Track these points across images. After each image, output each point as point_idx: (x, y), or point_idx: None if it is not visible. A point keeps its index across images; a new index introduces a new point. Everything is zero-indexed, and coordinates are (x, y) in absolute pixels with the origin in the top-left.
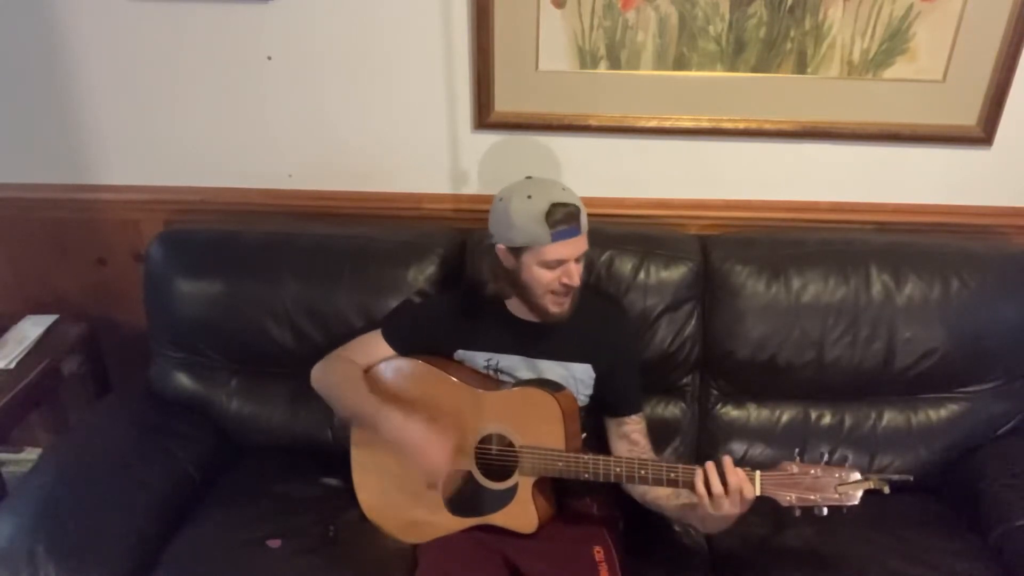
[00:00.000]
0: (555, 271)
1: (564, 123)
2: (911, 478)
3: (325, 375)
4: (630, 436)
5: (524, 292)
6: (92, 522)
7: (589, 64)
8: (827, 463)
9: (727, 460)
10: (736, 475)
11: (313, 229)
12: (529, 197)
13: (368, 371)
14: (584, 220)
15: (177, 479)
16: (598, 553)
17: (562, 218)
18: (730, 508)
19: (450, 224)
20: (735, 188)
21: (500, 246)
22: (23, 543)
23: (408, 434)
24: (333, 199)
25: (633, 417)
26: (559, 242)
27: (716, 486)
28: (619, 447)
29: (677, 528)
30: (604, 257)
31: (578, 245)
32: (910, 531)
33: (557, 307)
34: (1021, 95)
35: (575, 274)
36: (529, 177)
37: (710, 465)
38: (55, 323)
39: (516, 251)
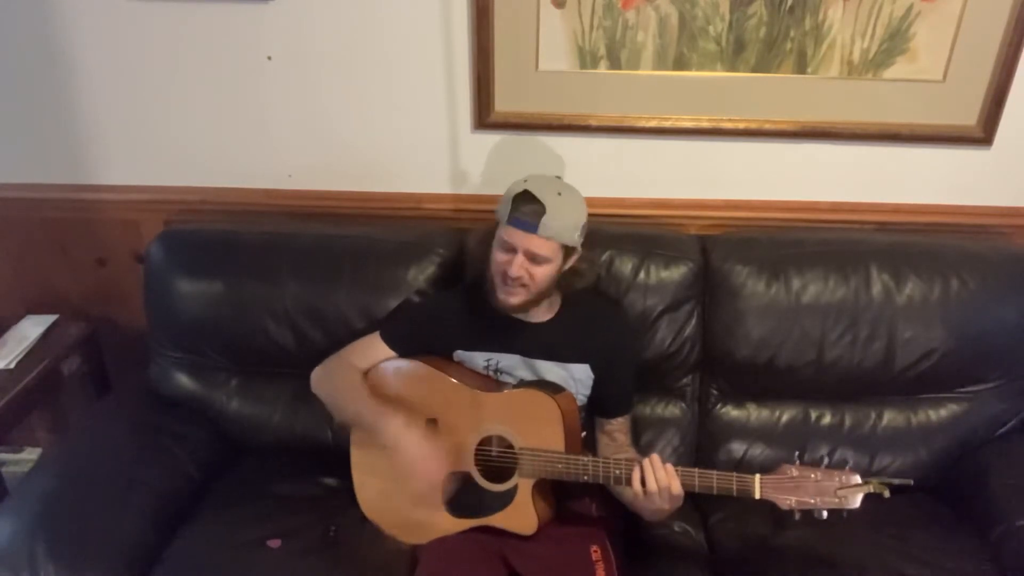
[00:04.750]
0: (504, 256)
1: (564, 123)
2: (911, 482)
3: (324, 380)
4: (612, 434)
5: (488, 269)
6: (92, 522)
7: (589, 64)
8: (827, 466)
9: (655, 458)
10: (665, 473)
11: (313, 229)
12: (525, 180)
13: (368, 373)
14: (550, 225)
15: (177, 479)
16: (595, 552)
17: (525, 209)
18: (660, 503)
19: (450, 224)
20: (735, 188)
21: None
22: (23, 543)
23: (404, 445)
24: (333, 199)
25: (620, 419)
26: (512, 227)
27: (651, 483)
28: (598, 438)
29: (677, 528)
30: (604, 257)
31: (530, 241)
32: (910, 531)
33: (503, 294)
34: (1021, 95)
35: (516, 265)
36: (558, 177)
37: (645, 462)
38: (55, 323)
39: (497, 225)
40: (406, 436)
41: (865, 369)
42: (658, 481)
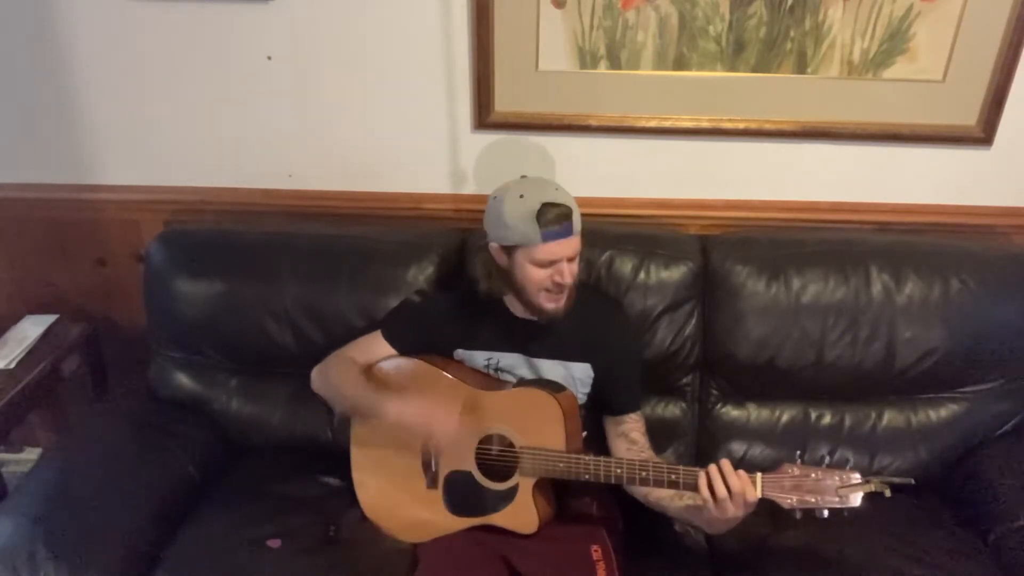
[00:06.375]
0: (547, 269)
1: (564, 123)
2: (912, 481)
3: (323, 374)
4: (628, 435)
5: (518, 290)
6: (92, 522)
7: (589, 64)
8: (828, 465)
9: (726, 464)
10: (739, 479)
11: (313, 229)
12: (521, 196)
13: (368, 370)
14: (577, 220)
15: (177, 479)
16: (595, 552)
17: (553, 218)
18: (734, 511)
19: (450, 224)
20: (735, 188)
21: (493, 244)
22: (23, 543)
23: (410, 409)
24: (333, 199)
25: (631, 416)
26: (550, 242)
27: (720, 489)
28: (617, 445)
29: (677, 528)
30: (604, 257)
31: (570, 245)
32: (910, 531)
33: (552, 303)
34: (1021, 95)
35: (567, 273)
36: (524, 176)
37: (712, 468)
38: (55, 323)
39: (509, 250)
40: (407, 404)
41: (865, 369)
42: (732, 487)
